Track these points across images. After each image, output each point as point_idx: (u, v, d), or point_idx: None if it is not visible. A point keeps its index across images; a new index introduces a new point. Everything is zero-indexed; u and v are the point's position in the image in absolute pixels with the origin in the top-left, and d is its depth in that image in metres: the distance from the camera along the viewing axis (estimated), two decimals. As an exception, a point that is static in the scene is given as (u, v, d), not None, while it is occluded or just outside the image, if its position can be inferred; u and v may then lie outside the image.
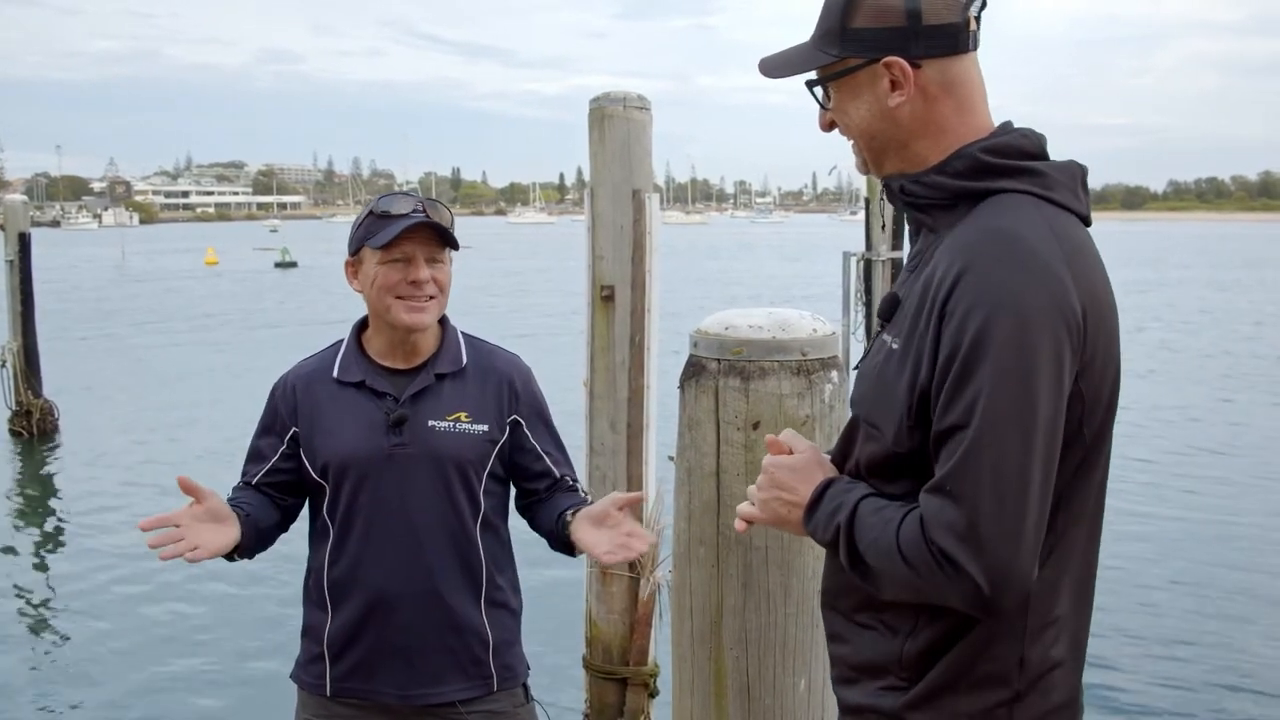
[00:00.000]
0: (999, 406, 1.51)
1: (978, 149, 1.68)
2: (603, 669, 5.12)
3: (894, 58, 1.69)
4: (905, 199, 1.77)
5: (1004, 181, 1.66)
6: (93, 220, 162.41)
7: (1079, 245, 1.63)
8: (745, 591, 2.42)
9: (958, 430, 1.55)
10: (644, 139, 4.96)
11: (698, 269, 54.25)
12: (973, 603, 1.55)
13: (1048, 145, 1.73)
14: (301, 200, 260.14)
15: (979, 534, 1.51)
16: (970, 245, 1.60)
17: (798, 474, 1.84)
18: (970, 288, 1.56)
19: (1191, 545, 10.31)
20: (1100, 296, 1.63)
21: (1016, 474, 1.52)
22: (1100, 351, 1.61)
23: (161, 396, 19.31)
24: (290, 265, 59.08)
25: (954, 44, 1.69)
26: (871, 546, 1.65)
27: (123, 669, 7.75)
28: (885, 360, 1.71)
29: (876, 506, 1.68)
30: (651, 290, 4.93)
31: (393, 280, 2.60)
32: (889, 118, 1.73)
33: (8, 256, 15.61)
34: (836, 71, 1.76)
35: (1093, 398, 1.62)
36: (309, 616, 2.76)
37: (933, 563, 1.55)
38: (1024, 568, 1.53)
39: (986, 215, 1.64)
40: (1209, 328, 29.67)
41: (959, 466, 1.54)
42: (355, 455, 2.63)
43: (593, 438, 5.04)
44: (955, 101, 1.71)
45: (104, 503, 12.26)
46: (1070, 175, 1.71)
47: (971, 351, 1.54)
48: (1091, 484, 1.69)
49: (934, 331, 1.59)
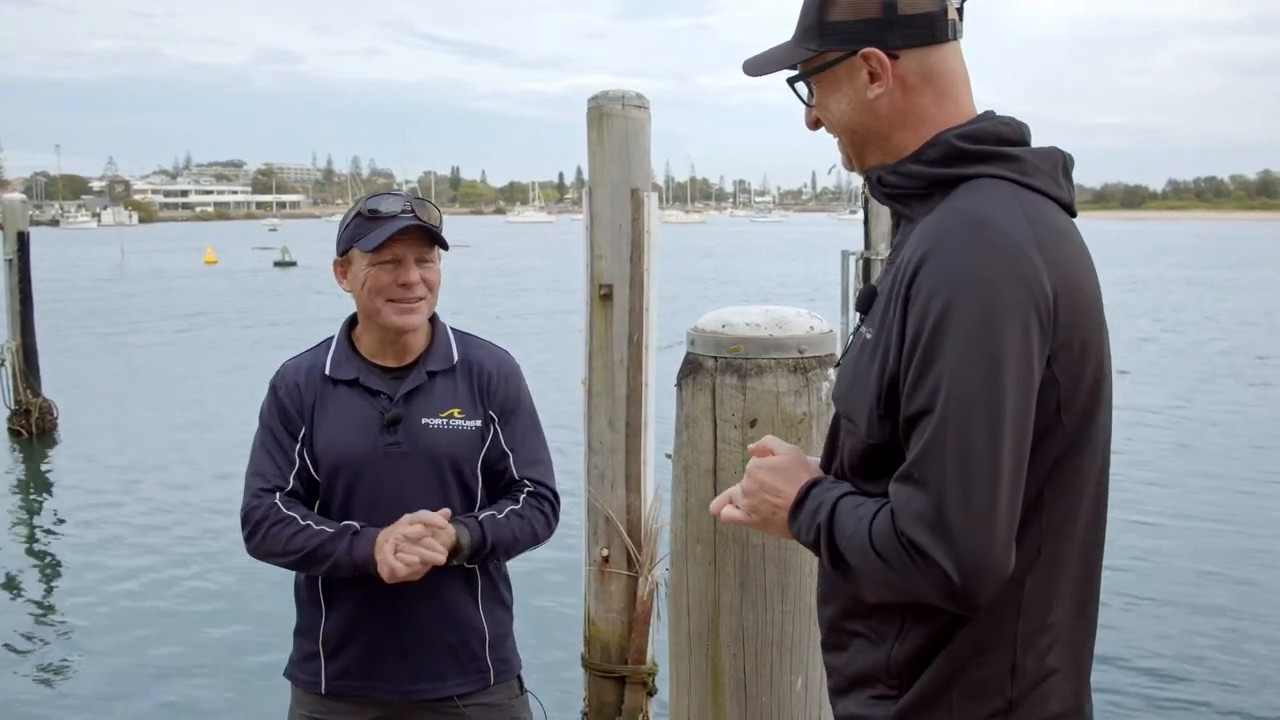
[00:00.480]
0: (964, 389, 1.48)
1: (952, 135, 1.66)
2: (601, 668, 5.11)
3: (871, 49, 1.68)
4: (883, 190, 1.75)
5: (979, 167, 1.64)
6: (92, 219, 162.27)
7: (1053, 229, 1.59)
8: (742, 589, 2.42)
9: (924, 415, 1.51)
10: (642, 138, 4.94)
11: (696, 268, 54.26)
12: (945, 594, 1.50)
13: (1032, 136, 1.71)
14: (301, 199, 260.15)
15: (947, 521, 1.47)
16: (935, 228, 1.58)
17: (781, 474, 1.81)
18: (934, 269, 1.53)
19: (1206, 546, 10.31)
20: (1077, 281, 1.59)
21: (985, 458, 1.47)
22: (1078, 337, 1.57)
23: (160, 395, 19.29)
24: (289, 264, 59.05)
25: (931, 33, 1.67)
26: (848, 544, 1.61)
27: (118, 666, 7.75)
28: (859, 352, 1.69)
29: (854, 504, 1.64)
30: (650, 289, 4.92)
31: (383, 283, 2.59)
32: (869, 110, 1.71)
33: (6, 255, 15.60)
34: (816, 66, 1.74)
35: (1070, 384, 1.57)
36: (302, 615, 2.75)
37: (904, 554, 1.51)
38: (997, 555, 1.48)
39: (956, 199, 1.61)
40: (1208, 326, 29.67)
41: (924, 452, 1.50)
42: (351, 454, 2.62)
43: (591, 436, 5.03)
44: (935, 91, 1.69)
45: (103, 501, 12.25)
46: (1050, 162, 1.68)
47: (935, 333, 1.50)
48: (1081, 479, 1.64)
49: (900, 316, 1.56)
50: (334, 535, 2.56)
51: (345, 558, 2.55)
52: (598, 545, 4.93)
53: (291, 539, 2.57)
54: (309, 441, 2.66)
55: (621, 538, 4.88)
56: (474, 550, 2.61)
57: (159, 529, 11.09)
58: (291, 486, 2.65)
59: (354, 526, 2.57)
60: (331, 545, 2.55)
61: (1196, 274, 52.35)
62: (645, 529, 4.90)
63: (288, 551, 2.58)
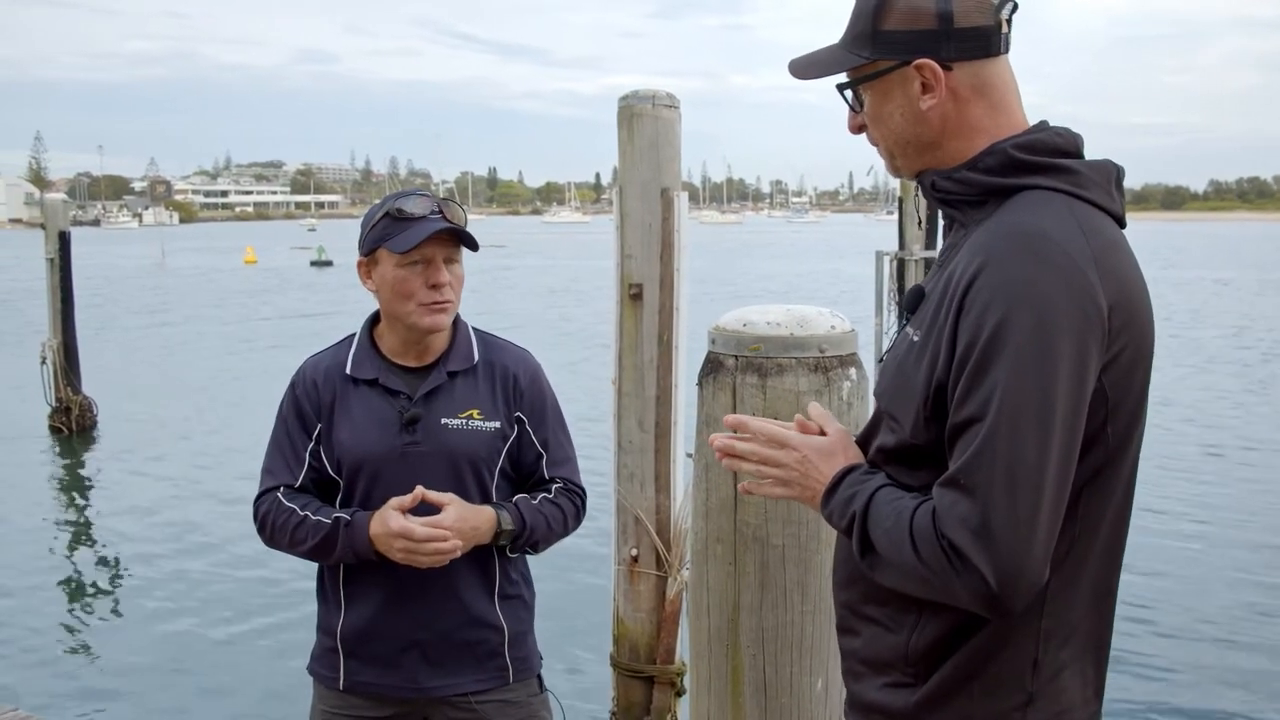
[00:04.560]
0: (1016, 400, 1.49)
1: (1009, 145, 1.67)
2: (629, 667, 5.11)
3: (925, 60, 1.68)
4: (936, 194, 1.77)
5: (1035, 178, 1.65)
6: (133, 219, 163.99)
7: (1109, 243, 1.61)
8: (762, 590, 2.41)
9: (973, 423, 1.53)
10: (672, 137, 4.93)
11: (730, 268, 54.19)
12: (980, 600, 1.52)
13: (1084, 145, 1.71)
14: (339, 200, 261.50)
15: (990, 528, 1.49)
16: (992, 240, 1.59)
17: (828, 459, 1.82)
18: (990, 282, 1.54)
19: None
20: (1131, 295, 1.60)
21: (1032, 470, 1.49)
22: (1129, 351, 1.59)
23: (199, 392, 19.52)
24: (325, 264, 59.48)
25: (986, 47, 1.68)
26: (884, 536, 1.63)
27: (152, 658, 7.91)
28: (906, 352, 1.70)
29: (892, 496, 1.66)
30: (680, 289, 4.92)
31: (414, 285, 2.60)
32: (921, 119, 1.72)
33: (48, 255, 15.81)
34: (867, 74, 1.75)
35: (1118, 398, 1.59)
36: (323, 611, 2.77)
37: (942, 556, 1.53)
38: (1035, 567, 1.50)
39: (1013, 211, 1.62)
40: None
41: (973, 460, 1.52)
42: (370, 453, 2.63)
43: (621, 435, 5.03)
44: (988, 103, 1.71)
45: (141, 497, 12.42)
46: (1104, 174, 1.69)
47: (989, 345, 1.52)
48: (1115, 486, 1.66)
49: (952, 324, 1.58)
50: (331, 529, 2.57)
51: (347, 551, 2.57)
52: (627, 545, 4.93)
53: (294, 533, 2.60)
54: (327, 440, 2.67)
55: (650, 537, 4.87)
56: (515, 534, 2.64)
57: (196, 526, 11.22)
58: (301, 484, 2.67)
59: (344, 518, 2.58)
60: (331, 539, 2.57)
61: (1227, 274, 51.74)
62: (674, 529, 4.89)
63: (294, 544, 2.62)
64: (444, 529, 2.51)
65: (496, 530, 2.62)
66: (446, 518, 2.53)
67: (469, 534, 2.57)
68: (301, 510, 2.61)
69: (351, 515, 2.59)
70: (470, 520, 2.57)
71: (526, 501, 2.71)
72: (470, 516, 2.58)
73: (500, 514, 2.63)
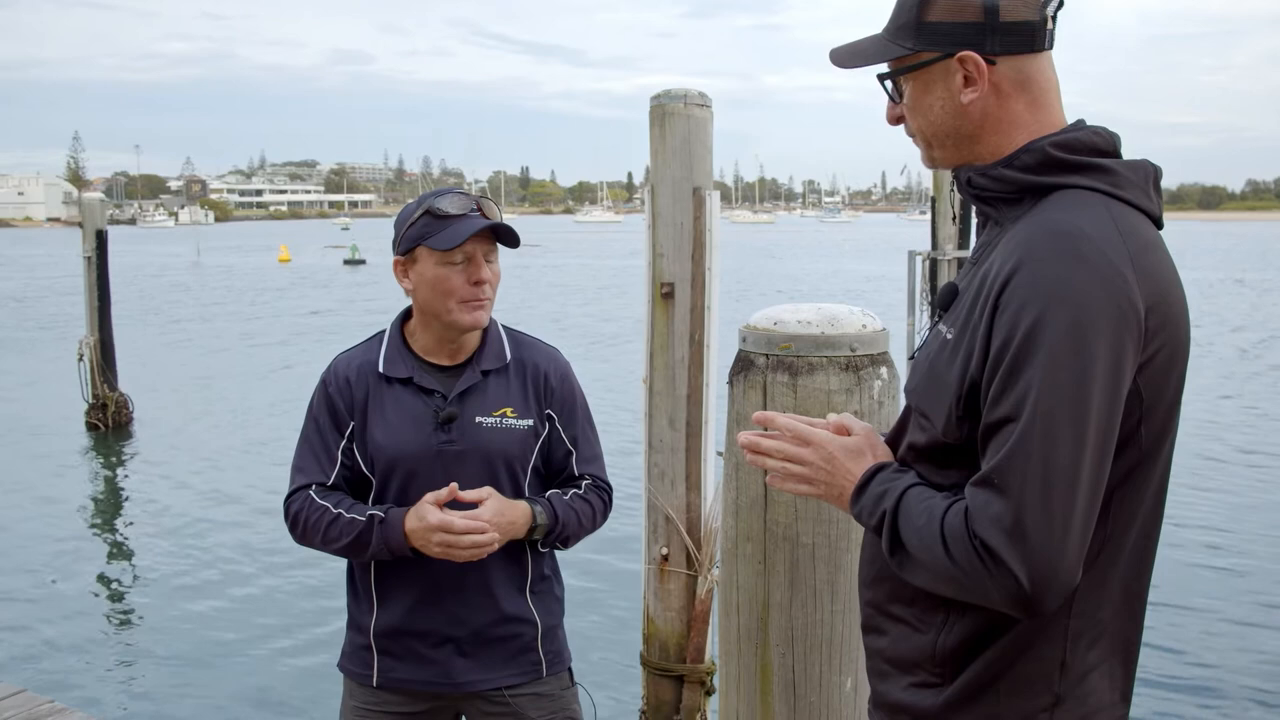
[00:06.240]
0: (1051, 401, 1.48)
1: (1047, 143, 1.66)
2: (660, 666, 5.11)
3: (969, 52, 1.67)
4: (972, 191, 1.76)
5: (1072, 177, 1.64)
6: (169, 218, 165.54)
7: (1146, 243, 1.59)
8: (792, 588, 2.41)
9: (1007, 423, 1.52)
10: (704, 136, 4.93)
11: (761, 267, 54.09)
12: (1012, 600, 1.51)
13: (1122, 144, 1.70)
14: (372, 199, 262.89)
15: (1024, 528, 1.48)
16: (1029, 239, 1.58)
17: (856, 458, 1.82)
18: (1025, 281, 1.53)
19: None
20: (1168, 296, 1.59)
21: (1067, 470, 1.48)
22: (1165, 352, 1.58)
23: (233, 388, 19.67)
24: (359, 263, 59.79)
25: (1030, 42, 1.67)
26: (915, 535, 1.62)
27: (185, 651, 7.99)
28: (939, 350, 1.69)
29: (924, 495, 1.65)
30: (711, 288, 4.92)
31: (455, 282, 2.60)
32: (961, 113, 1.71)
33: (85, 253, 15.96)
34: (910, 65, 1.74)
35: (1153, 398, 1.58)
36: (354, 609, 2.78)
37: (975, 556, 1.52)
38: (1068, 567, 1.49)
39: (1050, 210, 1.61)
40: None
41: (1007, 459, 1.51)
42: (405, 452, 2.64)
43: (652, 434, 5.03)
44: (1029, 99, 1.70)
45: (176, 494, 12.52)
46: (1142, 174, 1.68)
47: (1024, 344, 1.51)
48: (1147, 487, 1.65)
49: (987, 323, 1.57)
50: (365, 526, 2.58)
51: (381, 547, 2.58)
52: (657, 544, 4.93)
53: (327, 531, 2.61)
54: (360, 438, 2.68)
55: (681, 537, 4.87)
56: (548, 529, 2.66)
57: (229, 522, 11.31)
58: (333, 481, 2.67)
59: (379, 515, 2.59)
60: (365, 536, 2.58)
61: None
62: (705, 528, 4.89)
63: (327, 542, 2.62)
64: (482, 522, 2.53)
65: (531, 525, 2.64)
66: (485, 511, 2.55)
67: (506, 528, 2.58)
68: (335, 508, 2.61)
69: (385, 512, 2.60)
70: (507, 514, 2.59)
71: (559, 497, 2.72)
72: (507, 511, 2.59)
73: (535, 509, 2.65)
